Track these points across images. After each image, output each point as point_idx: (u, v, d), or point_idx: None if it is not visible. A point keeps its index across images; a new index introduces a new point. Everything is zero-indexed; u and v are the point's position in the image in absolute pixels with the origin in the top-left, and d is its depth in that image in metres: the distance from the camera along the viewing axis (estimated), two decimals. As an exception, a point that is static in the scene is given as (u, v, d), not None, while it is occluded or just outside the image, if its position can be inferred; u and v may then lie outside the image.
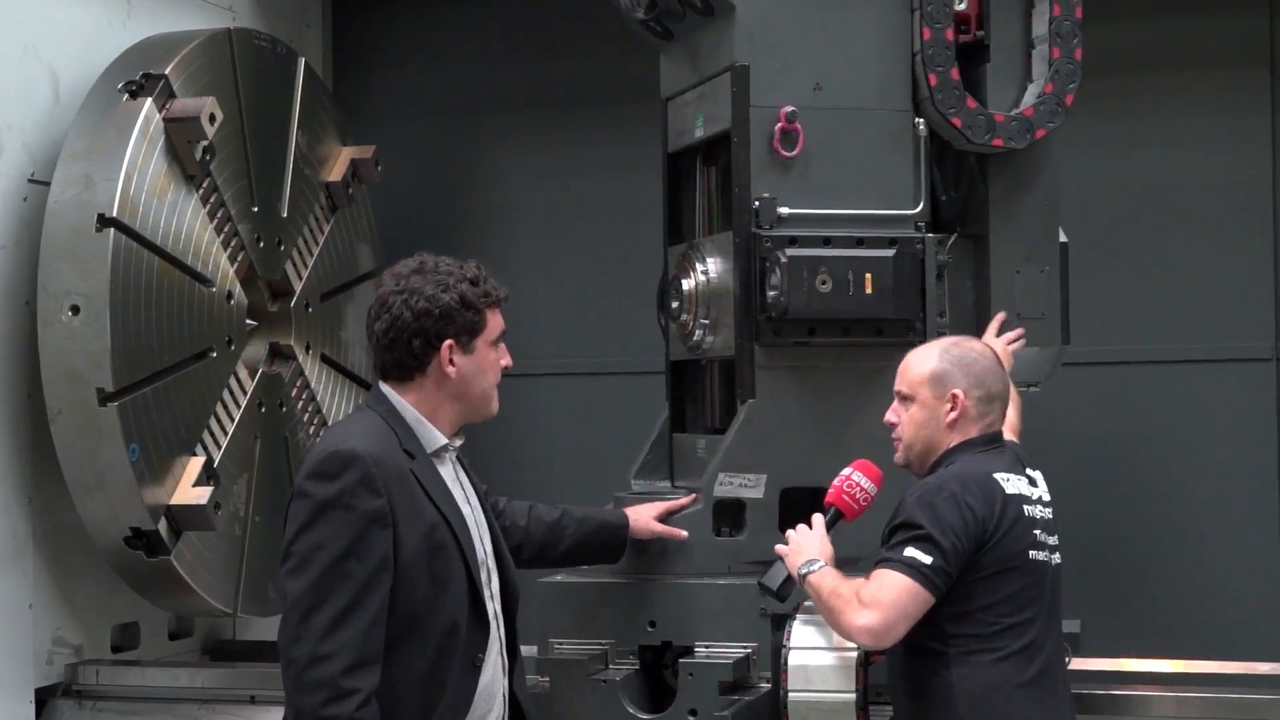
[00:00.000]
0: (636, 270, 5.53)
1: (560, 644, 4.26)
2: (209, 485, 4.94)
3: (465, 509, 3.40)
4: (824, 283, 4.17)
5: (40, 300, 4.81)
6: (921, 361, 3.74)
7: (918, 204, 4.36)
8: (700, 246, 4.46)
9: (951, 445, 3.70)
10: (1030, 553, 3.60)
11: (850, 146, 4.33)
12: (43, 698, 5.05)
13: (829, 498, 3.85)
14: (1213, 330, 5.83)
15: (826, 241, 4.23)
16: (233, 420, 5.21)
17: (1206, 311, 5.84)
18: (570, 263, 6.48)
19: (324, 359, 5.73)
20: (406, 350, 3.33)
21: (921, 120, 4.37)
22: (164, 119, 4.92)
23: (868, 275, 4.21)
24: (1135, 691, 4.49)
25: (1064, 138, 4.55)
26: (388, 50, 6.76)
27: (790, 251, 4.17)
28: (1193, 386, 5.85)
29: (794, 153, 4.27)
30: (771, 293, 4.18)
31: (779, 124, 4.25)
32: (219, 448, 5.12)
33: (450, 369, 3.35)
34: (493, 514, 3.58)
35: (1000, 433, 3.77)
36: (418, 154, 6.62)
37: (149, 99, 4.89)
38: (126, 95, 4.92)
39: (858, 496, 3.83)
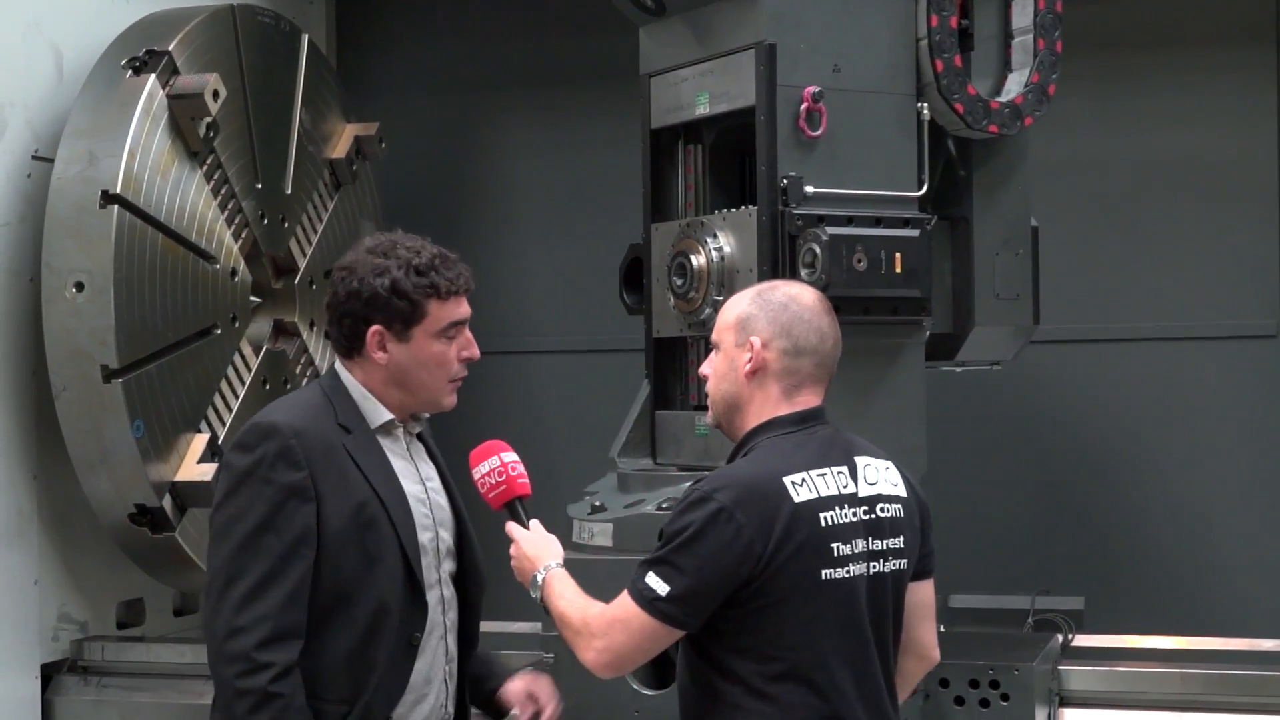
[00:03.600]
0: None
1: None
2: (213, 462, 4.93)
3: (414, 487, 3.25)
4: (860, 261, 4.20)
5: (44, 277, 4.81)
6: (732, 306, 3.22)
7: (922, 186, 4.42)
8: (707, 223, 4.47)
9: (760, 421, 3.15)
10: (823, 573, 2.99)
11: (864, 128, 4.36)
12: (48, 674, 5.07)
13: (512, 494, 3.33)
14: (1218, 307, 5.82)
15: (850, 220, 4.25)
16: (237, 397, 5.21)
17: (1212, 288, 5.84)
18: (572, 239, 6.47)
19: (328, 336, 5.73)
20: (338, 328, 3.24)
21: (924, 105, 4.40)
22: (167, 95, 4.92)
23: (898, 254, 4.25)
24: (1139, 668, 4.51)
25: (1071, 114, 4.57)
26: (391, 27, 6.75)
27: (831, 229, 4.18)
28: (1197, 364, 5.85)
29: (818, 132, 4.28)
30: (805, 271, 4.20)
31: (804, 104, 4.26)
32: (223, 425, 5.13)
33: (379, 355, 3.20)
34: (459, 499, 3.39)
35: (817, 408, 3.18)
36: (422, 130, 6.62)
37: (152, 75, 4.88)
38: (130, 72, 4.91)
39: (525, 473, 3.37)
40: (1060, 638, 4.72)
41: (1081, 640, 4.79)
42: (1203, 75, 5.85)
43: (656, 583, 2.99)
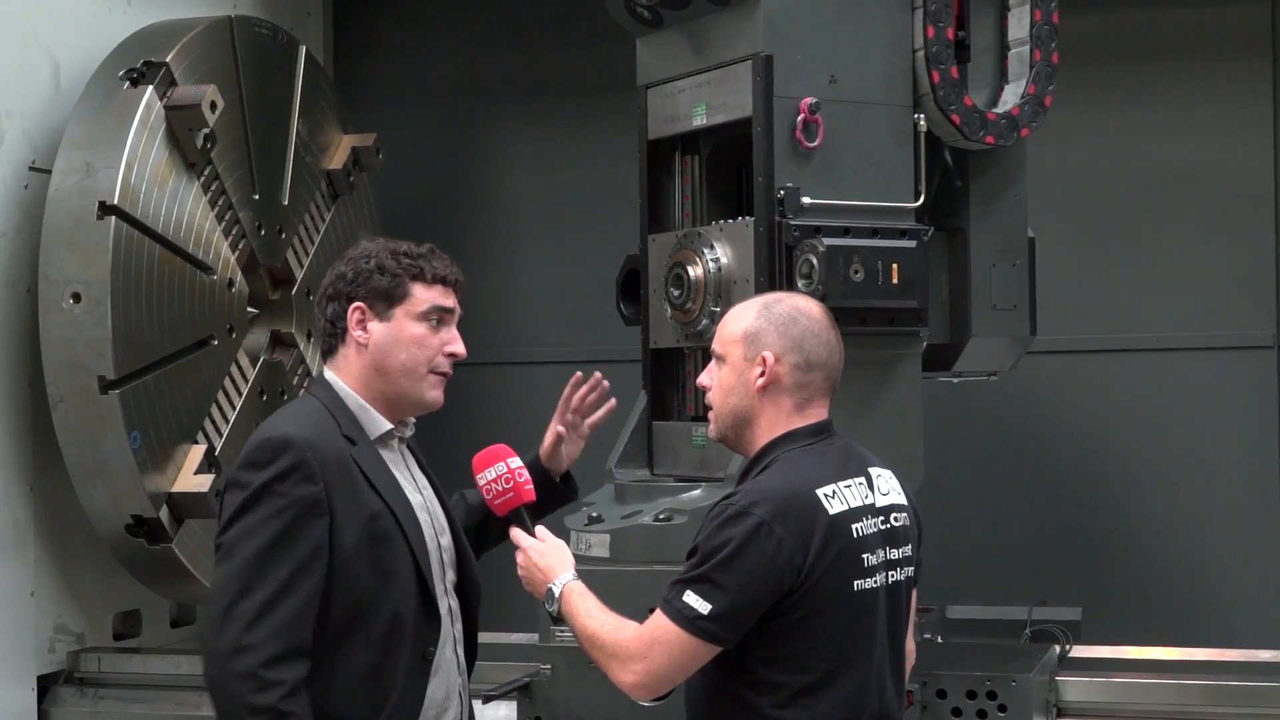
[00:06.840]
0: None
1: (562, 631, 4.26)
2: (210, 473, 4.94)
3: (416, 497, 3.23)
4: (856, 272, 4.20)
5: (41, 288, 4.82)
6: (737, 318, 3.22)
7: (919, 197, 4.42)
8: (704, 234, 4.47)
9: (775, 436, 3.16)
10: (855, 584, 3.04)
11: (861, 139, 4.36)
12: (45, 685, 5.06)
13: (520, 500, 3.32)
14: (1214, 318, 5.82)
15: (846, 231, 4.25)
16: (234, 408, 5.21)
17: (1208, 299, 5.84)
18: (569, 250, 6.48)
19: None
20: (325, 318, 3.23)
21: (921, 116, 4.41)
22: (165, 107, 4.92)
23: (894, 265, 4.24)
24: (1136, 679, 4.51)
25: (1067, 125, 4.58)
26: (388, 38, 6.76)
27: (828, 240, 4.19)
28: (1194, 374, 5.85)
29: (815, 143, 4.29)
30: (803, 281, 4.20)
31: (801, 115, 4.27)
32: (220, 436, 5.13)
33: (359, 334, 3.18)
34: (451, 507, 3.39)
35: (828, 421, 3.21)
36: (419, 142, 6.62)
37: (150, 87, 4.89)
38: (127, 83, 4.91)
39: (531, 479, 3.35)
40: (1057, 649, 4.71)
41: (1078, 651, 4.78)
42: (1199, 86, 5.86)
43: (697, 601, 2.96)
